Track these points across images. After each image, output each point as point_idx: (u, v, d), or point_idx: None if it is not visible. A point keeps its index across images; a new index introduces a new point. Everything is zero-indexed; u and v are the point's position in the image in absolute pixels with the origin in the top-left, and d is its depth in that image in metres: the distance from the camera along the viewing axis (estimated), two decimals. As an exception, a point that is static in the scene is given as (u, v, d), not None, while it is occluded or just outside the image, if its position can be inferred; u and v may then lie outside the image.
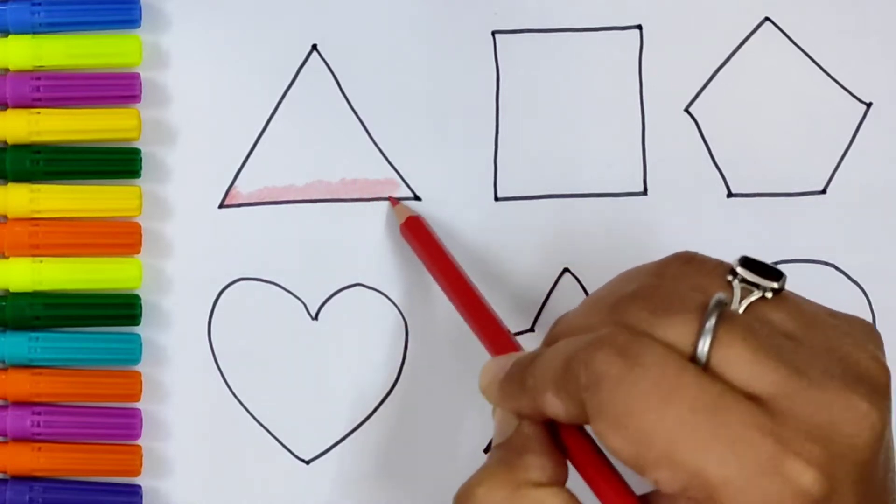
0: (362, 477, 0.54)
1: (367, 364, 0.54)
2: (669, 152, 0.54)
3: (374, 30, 0.54)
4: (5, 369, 0.52)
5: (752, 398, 0.38)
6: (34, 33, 0.52)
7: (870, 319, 0.54)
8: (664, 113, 0.54)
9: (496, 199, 0.54)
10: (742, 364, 0.39)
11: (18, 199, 0.52)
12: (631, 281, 0.42)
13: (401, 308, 0.54)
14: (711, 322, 0.39)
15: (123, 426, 0.52)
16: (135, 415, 0.52)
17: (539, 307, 0.54)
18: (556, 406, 0.41)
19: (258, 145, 0.54)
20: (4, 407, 0.52)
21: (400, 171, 0.54)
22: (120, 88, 0.52)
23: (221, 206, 0.53)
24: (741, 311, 0.40)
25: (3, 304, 0.52)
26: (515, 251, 0.54)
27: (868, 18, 0.55)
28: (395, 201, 0.53)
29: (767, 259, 0.54)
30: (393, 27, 0.54)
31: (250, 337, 0.53)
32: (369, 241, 0.53)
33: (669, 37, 0.54)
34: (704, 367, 0.39)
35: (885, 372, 0.41)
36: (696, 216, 0.54)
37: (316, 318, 0.54)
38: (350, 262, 0.54)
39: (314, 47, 0.54)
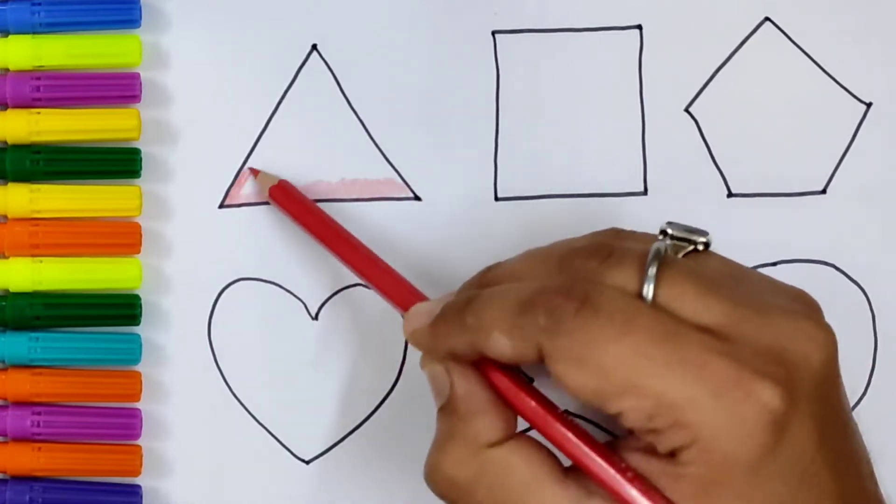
0: (362, 477, 0.54)
1: (367, 364, 0.54)
2: (669, 152, 0.54)
3: (374, 30, 0.54)
4: (5, 369, 0.52)
5: (703, 330, 0.40)
6: (34, 33, 0.52)
7: (870, 319, 0.54)
8: (664, 113, 0.54)
9: (496, 199, 0.54)
10: (689, 300, 0.40)
11: (18, 199, 0.52)
12: (573, 241, 0.44)
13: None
14: (653, 268, 0.41)
15: (123, 426, 0.52)
16: (135, 415, 0.52)
17: (539, 307, 0.54)
18: (503, 345, 0.42)
19: (258, 145, 0.54)
20: (4, 407, 0.52)
21: (400, 171, 0.54)
22: (120, 88, 0.52)
23: (221, 206, 0.53)
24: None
25: (3, 304, 0.52)
26: (515, 251, 0.54)
27: (868, 18, 0.55)
28: (255, 171, 0.53)
29: (768, 259, 0.55)
30: (393, 27, 0.54)
31: (250, 337, 0.53)
32: (369, 240, 0.53)
33: (669, 37, 0.54)
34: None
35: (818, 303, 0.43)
36: (696, 216, 0.54)
37: (316, 318, 0.54)
38: (350, 262, 0.54)
39: (314, 47, 0.54)
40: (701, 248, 0.43)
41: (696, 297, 0.40)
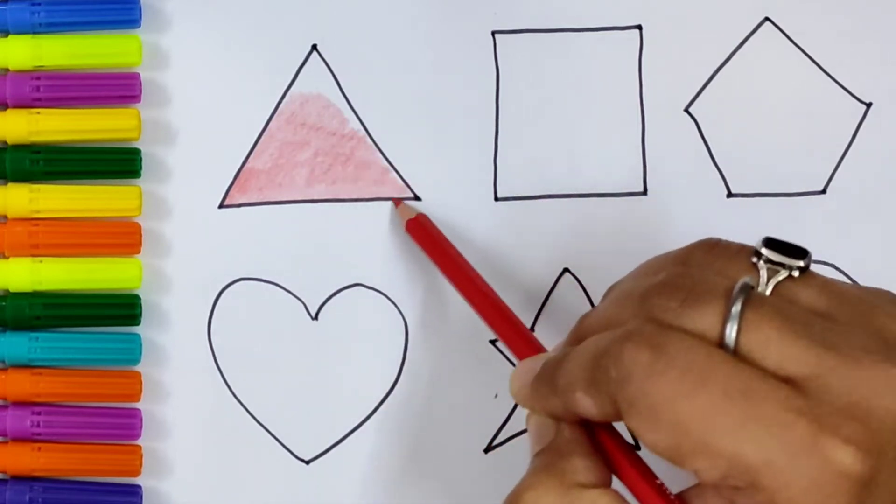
0: (362, 477, 0.54)
1: (367, 364, 0.54)
2: (669, 152, 0.54)
3: (374, 30, 0.54)
4: (5, 369, 0.52)
5: (786, 380, 0.38)
6: (34, 33, 0.52)
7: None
8: (664, 113, 0.54)
9: (496, 199, 0.54)
10: (772, 347, 0.38)
11: (18, 199, 0.52)
12: (656, 271, 0.42)
13: (401, 308, 0.54)
14: (737, 307, 0.38)
15: (123, 426, 0.52)
16: (135, 415, 0.52)
17: (539, 307, 0.54)
18: (587, 404, 0.40)
19: (258, 145, 0.54)
20: (4, 407, 0.52)
21: (400, 171, 0.54)
22: (120, 88, 0.52)
23: (221, 206, 0.53)
24: (768, 292, 0.40)
25: (3, 304, 0.52)
26: (515, 251, 0.54)
27: (868, 19, 0.55)
28: (398, 202, 0.53)
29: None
30: (393, 27, 0.54)
31: (250, 337, 0.53)
32: (369, 241, 0.53)
33: (669, 37, 0.54)
34: (734, 353, 0.38)
35: None
36: (696, 216, 0.54)
37: (316, 318, 0.54)
38: (350, 262, 0.54)
39: (314, 47, 0.54)
40: (796, 273, 0.40)
41: (780, 345, 0.38)
